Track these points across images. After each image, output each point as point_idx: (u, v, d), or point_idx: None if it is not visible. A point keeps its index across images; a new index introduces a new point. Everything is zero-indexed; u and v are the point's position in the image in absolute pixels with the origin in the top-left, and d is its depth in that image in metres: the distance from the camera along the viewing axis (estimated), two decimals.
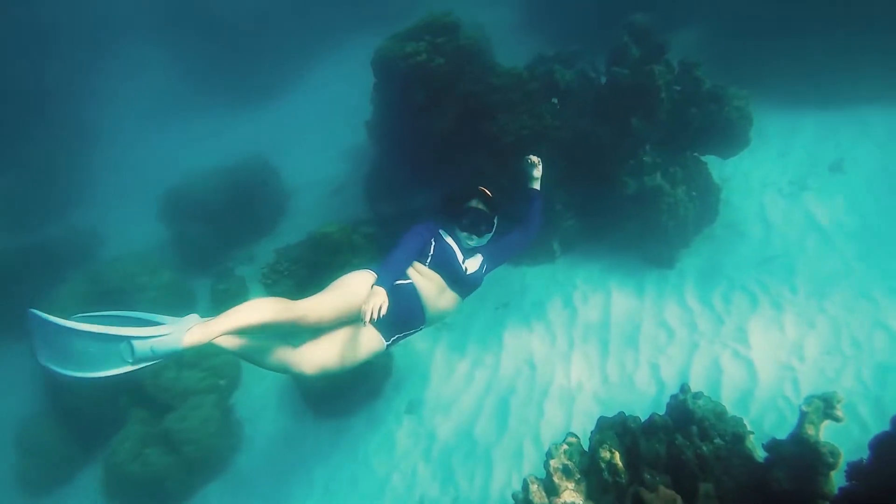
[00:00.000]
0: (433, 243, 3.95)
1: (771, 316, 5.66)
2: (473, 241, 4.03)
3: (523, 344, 6.27)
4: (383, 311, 3.35)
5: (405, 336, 3.88)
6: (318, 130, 11.27)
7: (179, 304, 7.70)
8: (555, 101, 6.66)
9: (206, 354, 6.78)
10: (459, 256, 3.99)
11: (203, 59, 14.08)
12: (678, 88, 6.20)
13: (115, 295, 7.45)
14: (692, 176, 6.06)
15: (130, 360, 3.07)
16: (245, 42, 13.65)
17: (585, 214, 6.80)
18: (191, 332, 3.14)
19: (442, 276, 3.92)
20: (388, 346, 3.77)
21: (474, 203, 4.01)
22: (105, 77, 15.04)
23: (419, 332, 3.96)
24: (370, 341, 3.66)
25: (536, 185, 4.45)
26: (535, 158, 4.41)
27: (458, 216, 4.01)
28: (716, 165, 6.79)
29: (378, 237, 7.07)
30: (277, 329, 3.39)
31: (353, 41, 13.43)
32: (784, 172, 7.19)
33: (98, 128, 14.22)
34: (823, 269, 5.91)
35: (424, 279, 3.87)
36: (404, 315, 3.76)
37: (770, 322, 5.61)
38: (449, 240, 4.01)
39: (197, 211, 9.02)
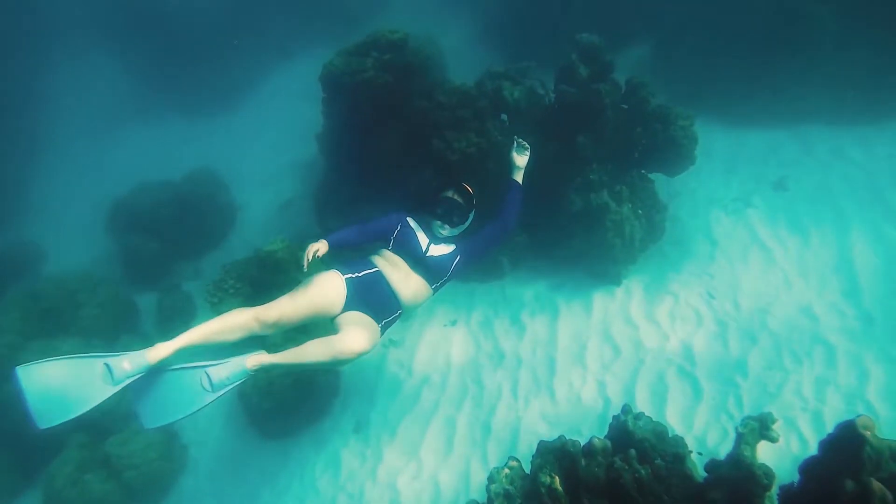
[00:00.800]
0: (398, 228, 4.23)
1: (715, 332, 5.73)
2: (446, 231, 4.25)
3: (471, 362, 6.23)
4: (319, 254, 3.86)
5: (391, 321, 4.05)
6: (269, 142, 11.04)
7: (122, 321, 7.47)
8: (504, 117, 6.65)
9: None
10: (422, 240, 4.21)
11: (155, 67, 13.67)
12: (625, 107, 6.27)
13: (54, 314, 7.15)
14: (638, 194, 6.12)
15: (112, 382, 3.38)
16: (198, 51, 13.32)
17: (535, 230, 6.80)
18: (154, 347, 3.50)
19: (404, 259, 4.15)
20: (381, 328, 3.94)
21: (450, 193, 4.25)
22: (54, 81, 14.54)
23: (400, 316, 4.15)
24: (370, 323, 3.85)
25: (518, 176, 4.55)
26: (524, 143, 4.55)
27: (432, 205, 4.25)
28: (664, 182, 6.88)
29: (325, 254, 6.96)
30: (243, 333, 3.71)
31: (308, 52, 13.26)
32: (729, 190, 7.32)
33: (45, 134, 13.76)
34: (766, 286, 6.02)
35: (389, 264, 4.13)
36: (378, 301, 3.98)
37: (714, 338, 5.68)
38: (414, 226, 4.28)
39: (143, 224, 8.78)
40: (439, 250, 4.23)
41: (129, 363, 3.42)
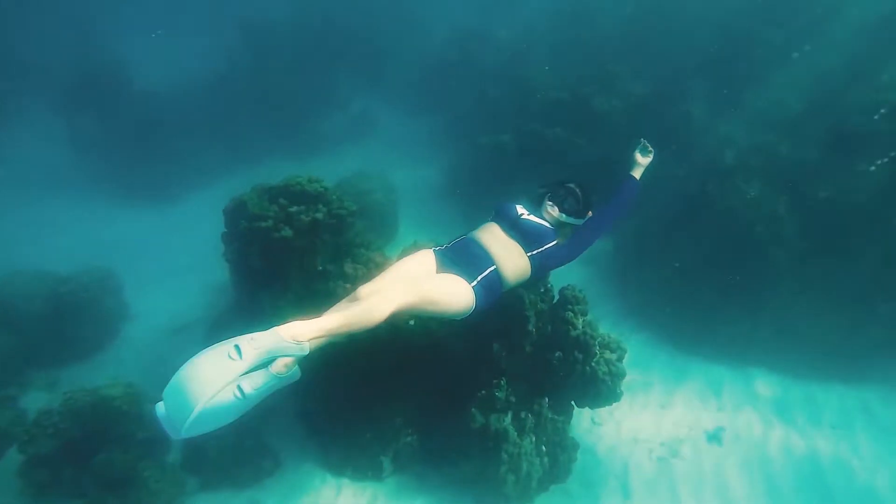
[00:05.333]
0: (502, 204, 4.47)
1: None
2: (555, 211, 4.39)
3: None
4: None
5: (484, 277, 3.96)
6: (190, 251, 10.03)
7: None
8: None
9: None
10: (519, 208, 4.37)
11: (103, 143, 12.82)
12: (554, 316, 5.49)
13: None
14: (546, 427, 5.20)
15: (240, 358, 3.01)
16: (154, 138, 12.66)
17: (428, 433, 5.81)
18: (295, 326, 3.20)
19: (499, 224, 4.31)
20: (474, 287, 3.88)
21: (572, 185, 4.47)
22: None
23: (497, 273, 4.07)
24: (457, 282, 3.83)
25: (636, 173, 4.57)
26: (649, 146, 4.61)
27: (552, 186, 4.50)
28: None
29: None
30: None
31: (273, 164, 12.80)
32: (660, 430, 6.45)
33: None
34: None
35: (481, 230, 4.30)
36: (466, 259, 4.00)
37: None
38: (518, 204, 4.45)
39: (3, 316, 7.58)
40: (535, 218, 4.32)
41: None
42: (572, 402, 5.59)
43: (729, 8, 11.56)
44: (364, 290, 3.61)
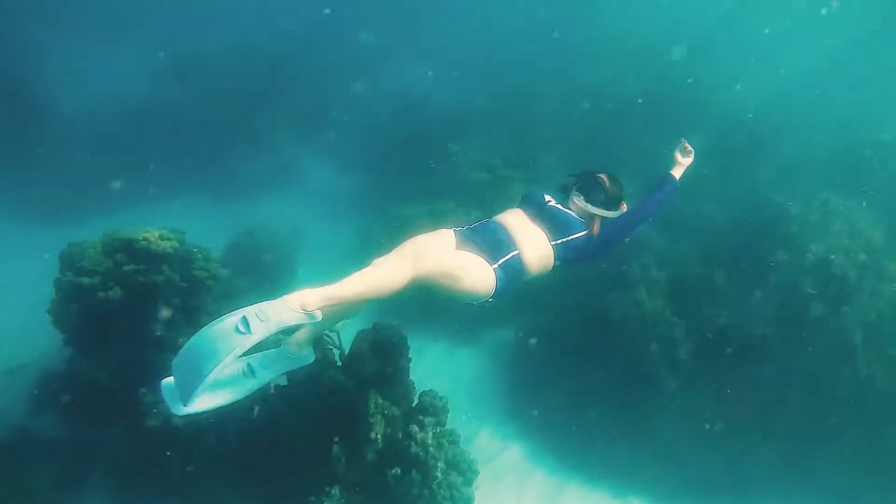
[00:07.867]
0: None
1: None
2: (580, 201, 4.11)
3: None
4: None
5: (506, 260, 3.76)
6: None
7: None
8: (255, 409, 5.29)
9: None
10: (546, 196, 4.15)
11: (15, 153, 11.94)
12: (406, 424, 4.95)
13: None
14: None
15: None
16: (54, 153, 11.76)
17: None
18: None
19: (524, 210, 4.09)
20: (495, 270, 3.69)
21: (602, 175, 4.20)
22: None
23: (518, 259, 3.81)
24: (478, 261, 3.64)
25: (676, 172, 4.36)
26: (689, 147, 4.37)
27: (580, 176, 4.25)
28: None
29: None
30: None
31: (185, 202, 12.12)
32: None
33: None
34: None
35: (506, 214, 4.09)
36: (488, 240, 3.79)
37: None
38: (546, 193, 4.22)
39: None
40: (561, 206, 4.11)
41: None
42: None
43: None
44: (379, 260, 3.54)
